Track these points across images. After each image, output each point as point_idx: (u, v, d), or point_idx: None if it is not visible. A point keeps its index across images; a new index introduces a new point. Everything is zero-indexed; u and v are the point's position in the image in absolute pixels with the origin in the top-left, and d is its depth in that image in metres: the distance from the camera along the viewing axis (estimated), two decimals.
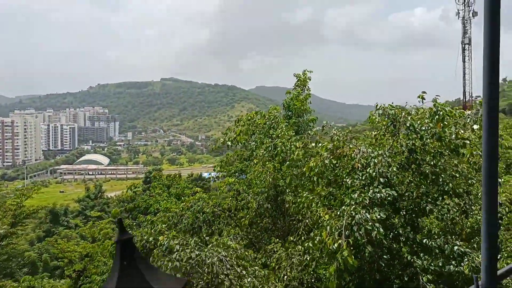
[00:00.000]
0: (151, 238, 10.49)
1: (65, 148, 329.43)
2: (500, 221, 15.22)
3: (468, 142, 9.05)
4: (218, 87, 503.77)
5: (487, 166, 2.44)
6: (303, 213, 11.64)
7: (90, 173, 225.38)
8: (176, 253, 8.53)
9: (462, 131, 9.22)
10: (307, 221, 11.83)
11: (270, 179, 13.42)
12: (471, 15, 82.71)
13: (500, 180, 15.37)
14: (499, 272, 2.73)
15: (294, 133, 14.76)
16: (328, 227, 8.02)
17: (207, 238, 11.05)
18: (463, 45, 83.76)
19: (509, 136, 28.20)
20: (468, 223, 10.23)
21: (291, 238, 11.73)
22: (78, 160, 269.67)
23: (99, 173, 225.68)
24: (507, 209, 13.32)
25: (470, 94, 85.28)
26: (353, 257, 7.51)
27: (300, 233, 11.85)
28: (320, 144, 10.51)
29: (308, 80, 18.98)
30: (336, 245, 7.62)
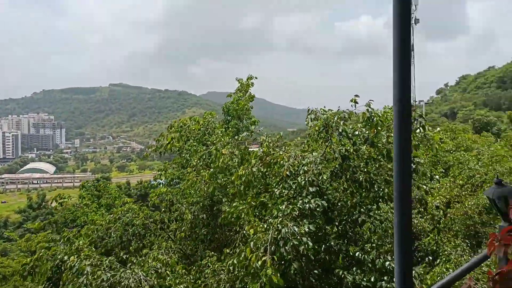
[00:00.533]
0: (66, 257, 9.46)
1: (7, 157, 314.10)
2: (438, 225, 15.22)
3: None
4: (168, 92, 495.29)
5: (398, 168, 2.18)
6: (241, 223, 10.97)
7: (35, 182, 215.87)
8: (85, 276, 7.58)
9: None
10: (244, 232, 11.17)
11: (205, 188, 12.70)
12: (413, 22, 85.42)
13: (438, 178, 15.31)
14: None
15: (231, 138, 14.13)
16: (252, 243, 7.36)
17: (125, 256, 10.09)
18: None
19: (449, 139, 28.79)
20: None
21: (227, 251, 11.02)
22: (21, 169, 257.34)
23: (44, 182, 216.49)
24: (442, 212, 13.24)
25: (414, 99, 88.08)
26: (278, 275, 6.87)
27: (237, 244, 11.16)
28: (250, 150, 9.90)
29: (251, 85, 18.64)
30: (260, 262, 6.95)
